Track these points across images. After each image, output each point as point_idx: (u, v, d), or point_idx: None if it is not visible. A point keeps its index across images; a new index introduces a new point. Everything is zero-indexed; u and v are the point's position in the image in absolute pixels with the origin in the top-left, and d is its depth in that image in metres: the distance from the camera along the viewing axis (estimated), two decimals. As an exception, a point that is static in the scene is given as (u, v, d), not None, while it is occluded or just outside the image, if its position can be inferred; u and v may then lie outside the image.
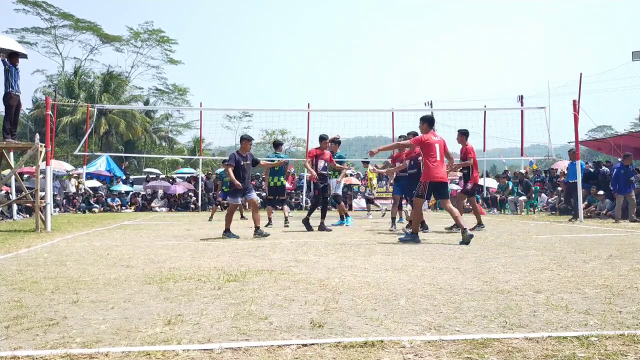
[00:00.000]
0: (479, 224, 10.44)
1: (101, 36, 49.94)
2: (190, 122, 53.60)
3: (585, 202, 15.26)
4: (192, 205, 23.41)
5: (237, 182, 8.67)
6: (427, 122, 8.35)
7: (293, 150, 59.53)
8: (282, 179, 12.46)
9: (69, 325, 3.05)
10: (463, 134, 10.93)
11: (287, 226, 11.78)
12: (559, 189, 18.59)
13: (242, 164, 8.89)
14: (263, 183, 19.52)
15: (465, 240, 7.42)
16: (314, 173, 10.40)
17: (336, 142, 12.06)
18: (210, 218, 15.18)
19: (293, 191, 25.23)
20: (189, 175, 29.09)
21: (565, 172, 21.93)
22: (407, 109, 29.54)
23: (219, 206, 17.25)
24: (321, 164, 10.66)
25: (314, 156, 10.77)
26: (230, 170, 8.75)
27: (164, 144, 51.26)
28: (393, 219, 11.16)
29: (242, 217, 15.03)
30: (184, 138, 53.78)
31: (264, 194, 19.32)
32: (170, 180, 26.42)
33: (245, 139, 9.14)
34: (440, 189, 8.18)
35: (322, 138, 11.01)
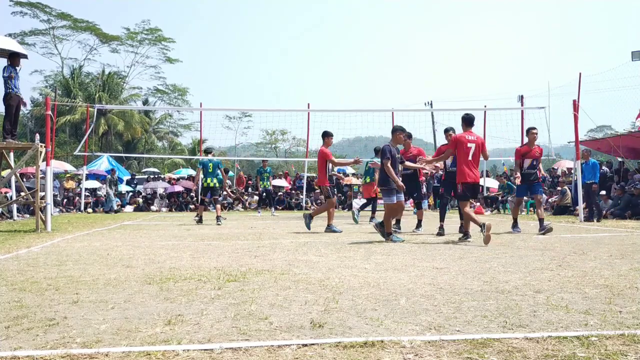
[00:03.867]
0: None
1: (100, 36, 49.89)
2: (191, 124, 53.55)
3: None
4: (192, 206, 23.40)
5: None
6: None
7: (293, 150, 59.49)
8: (215, 180, 13.55)
9: (69, 325, 3.05)
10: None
11: (219, 224, 12.69)
12: (558, 188, 18.57)
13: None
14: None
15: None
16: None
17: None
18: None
19: (293, 192, 25.22)
20: (188, 176, 29.09)
21: (566, 171, 22.00)
22: (407, 109, 29.60)
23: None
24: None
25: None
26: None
27: (165, 144, 51.28)
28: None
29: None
30: (184, 139, 53.61)
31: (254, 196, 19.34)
32: (172, 180, 26.47)
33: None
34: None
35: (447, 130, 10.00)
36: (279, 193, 24.32)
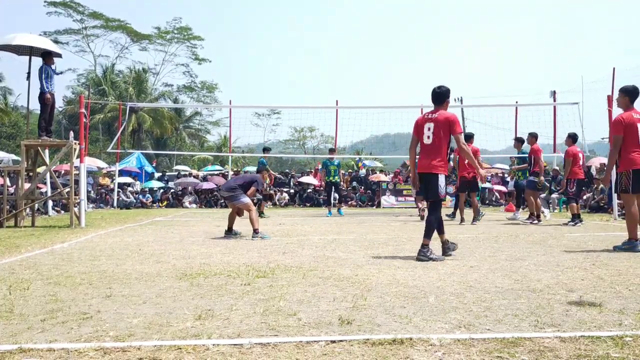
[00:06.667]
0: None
1: (131, 34, 50.65)
2: (219, 120, 53.97)
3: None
4: (222, 201, 23.61)
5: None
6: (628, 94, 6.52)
7: (322, 147, 59.48)
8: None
9: (102, 319, 3.11)
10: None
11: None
12: (593, 186, 18.17)
13: None
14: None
15: None
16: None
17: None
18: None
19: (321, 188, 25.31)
20: (217, 172, 29.40)
21: (598, 167, 21.50)
22: (437, 106, 29.21)
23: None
24: None
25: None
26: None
27: (194, 142, 51.77)
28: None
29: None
30: (212, 137, 54.02)
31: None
32: (200, 177, 26.81)
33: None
34: None
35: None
36: (308, 190, 24.42)
